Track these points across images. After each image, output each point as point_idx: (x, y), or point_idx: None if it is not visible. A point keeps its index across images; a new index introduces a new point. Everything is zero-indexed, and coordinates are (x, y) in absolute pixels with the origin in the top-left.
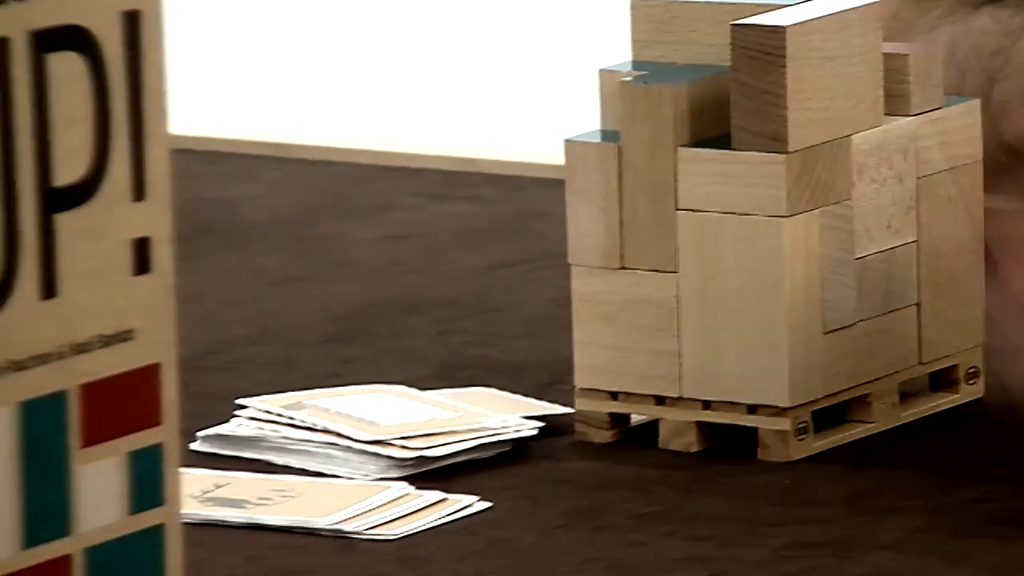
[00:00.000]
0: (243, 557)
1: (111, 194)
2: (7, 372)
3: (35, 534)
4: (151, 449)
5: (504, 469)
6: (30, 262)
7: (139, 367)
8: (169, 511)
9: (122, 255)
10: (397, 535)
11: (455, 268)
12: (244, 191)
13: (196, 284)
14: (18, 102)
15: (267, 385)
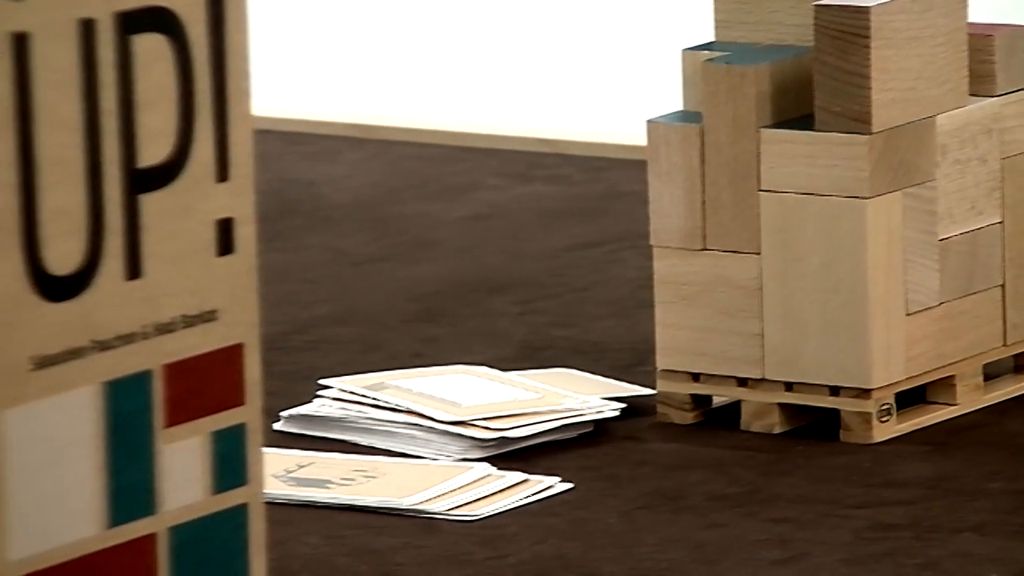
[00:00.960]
0: (325, 537)
1: (195, 175)
2: (92, 352)
3: (120, 513)
4: (234, 429)
5: (585, 450)
6: (115, 243)
7: (222, 347)
8: (252, 491)
9: (206, 236)
10: (478, 516)
11: (537, 249)
12: (327, 172)
13: (280, 264)
14: (104, 83)
15: (350, 365)
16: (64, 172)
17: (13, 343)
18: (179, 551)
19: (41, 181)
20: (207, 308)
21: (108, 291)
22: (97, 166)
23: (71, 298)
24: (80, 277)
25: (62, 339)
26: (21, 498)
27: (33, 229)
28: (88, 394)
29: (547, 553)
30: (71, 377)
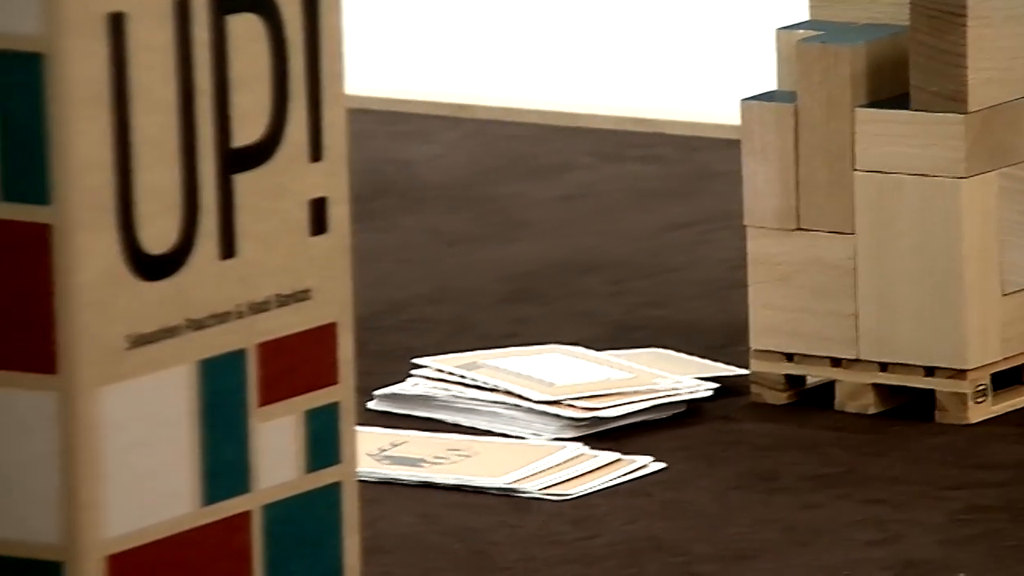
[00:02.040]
0: (418, 515)
1: (289, 155)
2: (187, 331)
3: (215, 491)
4: (327, 408)
5: (678, 430)
6: (210, 222)
7: (316, 326)
8: (345, 469)
9: (299, 215)
10: (571, 495)
11: (630, 228)
12: (422, 151)
13: (374, 244)
14: (199, 63)
15: (443, 344)
16: (160, 152)
17: (109, 321)
18: (273, 529)
19: (137, 161)
20: (301, 287)
21: (203, 270)
22: (192, 146)
23: (166, 277)
24: (175, 256)
25: (157, 318)
26: (118, 476)
27: (129, 208)
28: (183, 373)
29: (639, 533)
30: (166, 356)
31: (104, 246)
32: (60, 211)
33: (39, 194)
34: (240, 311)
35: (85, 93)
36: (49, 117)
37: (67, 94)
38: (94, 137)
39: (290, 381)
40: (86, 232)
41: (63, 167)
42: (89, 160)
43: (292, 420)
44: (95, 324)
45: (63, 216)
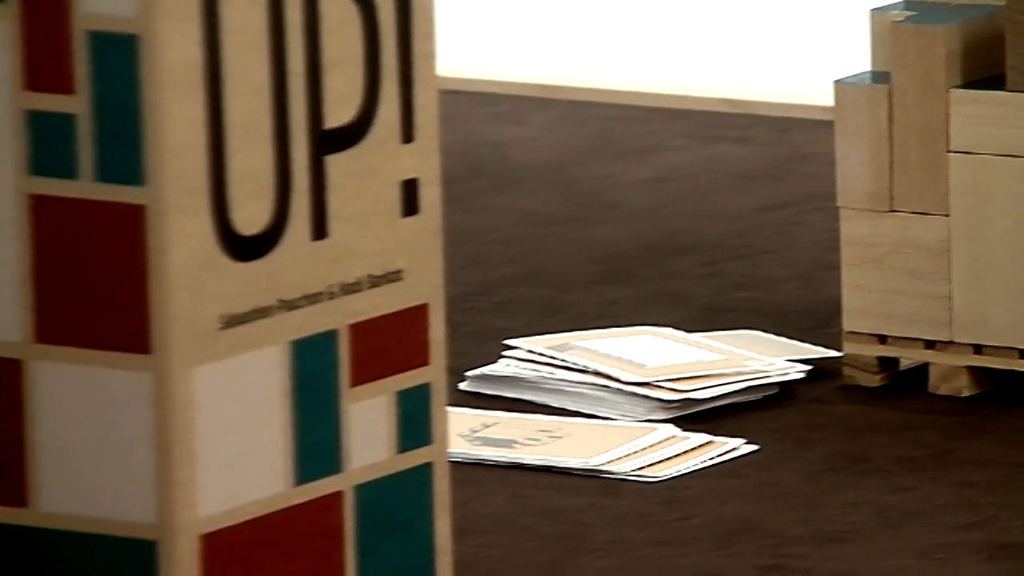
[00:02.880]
0: (510, 496)
1: (380, 136)
2: (279, 311)
3: (307, 471)
4: (419, 388)
5: (770, 412)
6: (302, 203)
7: (407, 307)
8: (436, 450)
9: (391, 196)
10: (662, 476)
11: (722, 210)
12: (514, 133)
13: (466, 225)
14: (292, 45)
15: (534, 326)
16: (252, 134)
17: (203, 302)
18: (364, 509)
19: (230, 143)
20: (392, 268)
21: (295, 251)
22: (285, 128)
23: (259, 258)
24: (268, 237)
25: (250, 298)
26: (211, 456)
27: (222, 190)
28: (275, 353)
29: (731, 515)
30: (259, 336)
31: (197, 227)
32: (154, 192)
33: (133, 176)
34: (332, 292)
35: (179, 75)
36: (143, 99)
37: (161, 76)
38: (188, 119)
39: (381, 362)
40: (180, 213)
41: (157, 149)
42: (183, 142)
43: (383, 401)
44: (189, 305)
45: (157, 197)
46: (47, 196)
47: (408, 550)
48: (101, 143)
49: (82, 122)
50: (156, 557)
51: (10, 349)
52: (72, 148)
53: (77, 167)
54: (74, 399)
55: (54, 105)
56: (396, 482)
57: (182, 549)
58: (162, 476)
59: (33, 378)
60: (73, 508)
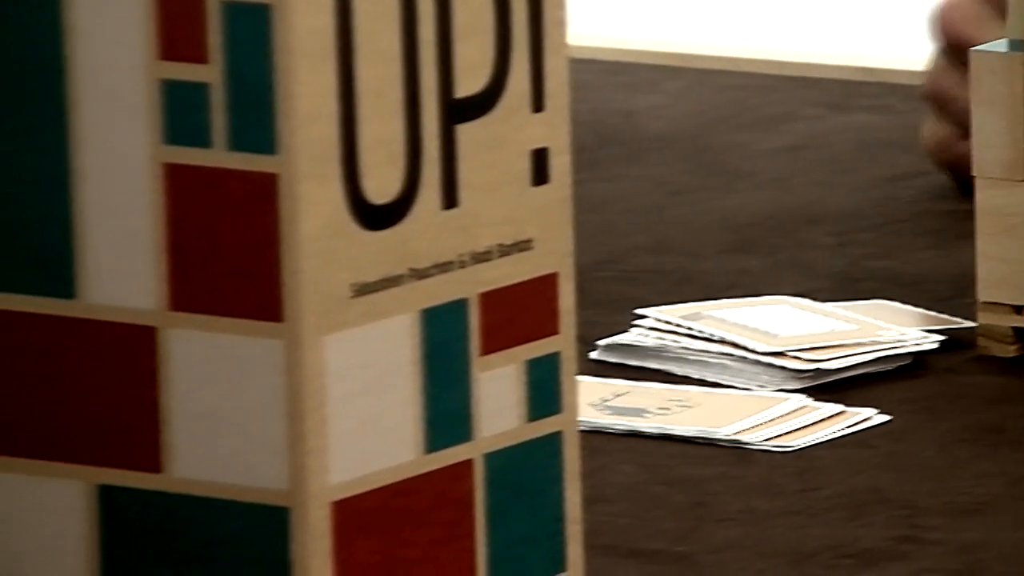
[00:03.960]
0: (640, 466)
1: (511, 105)
2: (409, 280)
3: (437, 439)
4: (548, 357)
5: (903, 383)
6: (432, 173)
7: (537, 276)
8: (566, 419)
9: (521, 166)
10: (794, 447)
11: (856, 179)
12: (646, 101)
13: (597, 194)
14: (423, 14)
15: (666, 295)
16: (383, 102)
17: (334, 271)
18: (494, 477)
19: (361, 111)
20: (522, 238)
21: (425, 220)
22: (415, 97)
23: (389, 227)
24: (398, 206)
25: (380, 267)
26: (342, 423)
27: (353, 159)
28: (406, 322)
29: (863, 485)
30: (389, 305)
31: (329, 196)
32: (286, 161)
33: (266, 144)
34: (462, 261)
35: (311, 44)
36: (276, 68)
37: (293, 45)
38: (319, 88)
39: (511, 331)
40: (311, 182)
41: (289, 118)
42: (314, 111)
43: (513, 370)
44: (320, 273)
45: (289, 166)
46: (181, 165)
47: (537, 518)
48: (234, 112)
49: (215, 91)
50: (288, 523)
51: (145, 317)
52: (205, 117)
53: (210, 136)
54: (207, 366)
55: (188, 74)
56: (526, 451)
57: (314, 516)
58: (294, 443)
59: (167, 345)
60: (206, 474)
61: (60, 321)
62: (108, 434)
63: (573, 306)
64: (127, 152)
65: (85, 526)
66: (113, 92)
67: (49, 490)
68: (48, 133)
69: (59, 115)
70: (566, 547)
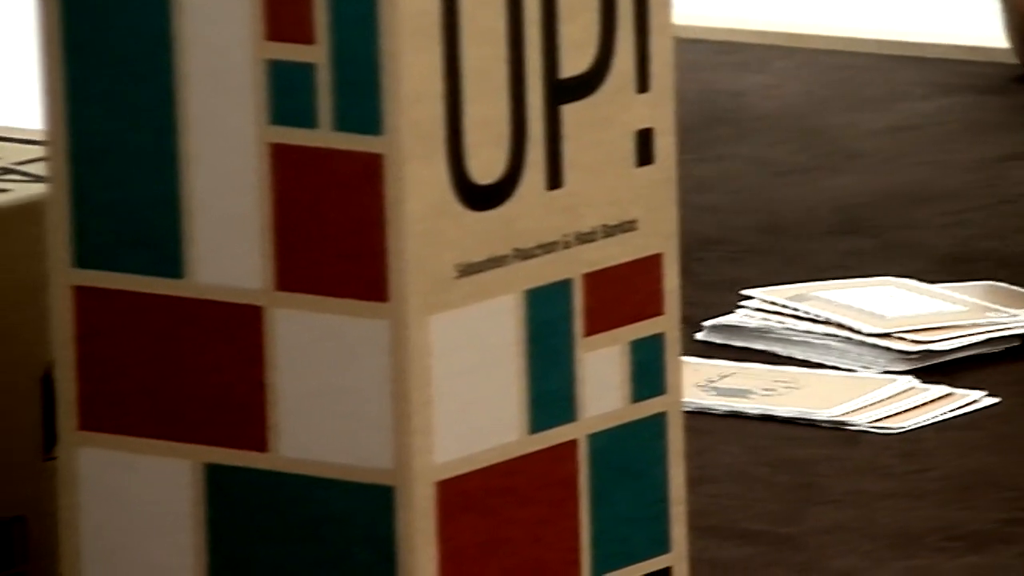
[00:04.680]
0: (745, 447)
1: (615, 86)
2: (514, 260)
3: (541, 419)
4: (653, 338)
5: (1012, 364)
6: (537, 153)
7: (641, 257)
8: (670, 400)
9: (625, 146)
10: (901, 428)
11: (965, 159)
12: (755, 81)
13: (704, 174)
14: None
15: (772, 276)
16: (488, 83)
17: (439, 251)
18: (598, 458)
19: (466, 92)
20: (627, 218)
21: (530, 201)
22: (520, 77)
23: (494, 207)
24: (503, 186)
25: (485, 247)
26: (447, 403)
27: (458, 139)
28: (510, 302)
29: (970, 467)
30: (493, 285)
31: (434, 176)
32: (392, 141)
33: (371, 125)
34: (567, 241)
35: (417, 24)
36: (381, 48)
37: (399, 25)
38: (425, 68)
39: (615, 311)
40: (417, 162)
41: (395, 98)
42: (420, 91)
43: (617, 350)
44: (425, 253)
45: (394, 146)
46: (287, 145)
47: (641, 499)
48: (340, 92)
49: (321, 71)
50: (392, 502)
51: (251, 296)
52: (311, 97)
53: (316, 116)
54: (313, 346)
55: (294, 55)
56: (630, 431)
57: (419, 495)
58: (399, 423)
59: (273, 325)
60: (311, 453)
61: (169, 301)
62: (215, 413)
63: (678, 287)
64: (234, 132)
65: (193, 504)
66: (221, 72)
67: (158, 468)
68: (157, 114)
69: (168, 96)
70: (670, 528)
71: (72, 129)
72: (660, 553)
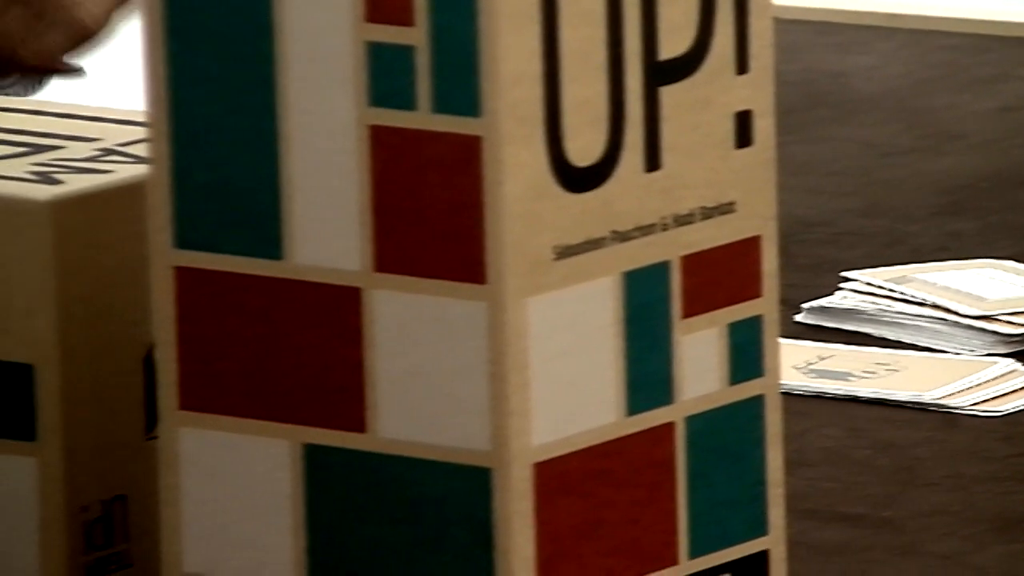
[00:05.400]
0: (845, 429)
1: (714, 67)
2: (612, 242)
3: (639, 402)
4: (750, 320)
5: None
6: (635, 135)
7: (739, 239)
8: (768, 382)
9: (724, 128)
10: (1002, 411)
11: None
12: (857, 62)
13: (805, 156)
14: None
15: (873, 258)
16: (587, 65)
17: (537, 233)
18: (695, 440)
19: (565, 73)
20: (725, 200)
21: (628, 182)
22: (619, 59)
23: (592, 189)
24: (601, 168)
25: (583, 230)
26: (544, 385)
27: (557, 121)
28: (608, 284)
29: None
30: (591, 267)
31: (532, 158)
32: (490, 123)
33: (470, 106)
34: (665, 223)
35: (515, 6)
36: (480, 30)
37: (498, 7)
38: (524, 50)
39: (713, 294)
40: (515, 144)
41: (494, 80)
42: (519, 73)
43: (715, 333)
44: (523, 235)
45: (493, 128)
46: (386, 127)
47: (739, 481)
48: (438, 74)
49: (420, 53)
50: (490, 484)
51: (350, 277)
52: (410, 79)
53: (415, 98)
54: (410, 327)
55: (393, 37)
56: (727, 414)
57: (516, 477)
58: (496, 404)
59: (371, 306)
60: (409, 434)
61: (268, 282)
62: (314, 394)
63: (776, 269)
64: (334, 114)
65: (291, 484)
66: (321, 55)
67: (257, 448)
68: (257, 95)
69: (268, 78)
70: (767, 510)
71: (174, 111)
72: (757, 536)
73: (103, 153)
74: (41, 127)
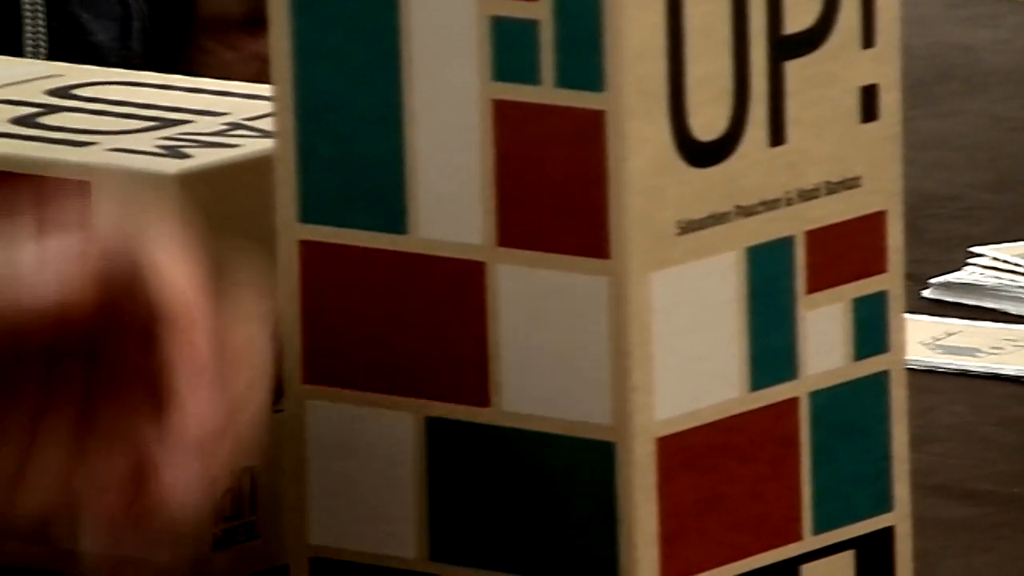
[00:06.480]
0: (972, 406)
1: (840, 41)
2: (736, 217)
3: (762, 377)
4: (875, 296)
5: None
6: (759, 110)
7: (864, 215)
8: (893, 358)
9: (849, 102)
10: None
11: None
12: (987, 36)
13: (934, 130)
14: None
15: (1002, 233)
16: (711, 40)
17: (661, 208)
18: (819, 416)
19: (689, 49)
20: (849, 175)
21: (752, 157)
22: (743, 34)
23: (716, 164)
24: (725, 143)
25: (706, 204)
26: (667, 360)
27: (681, 96)
28: (731, 259)
29: None
30: (715, 242)
31: (656, 133)
32: (614, 98)
33: (594, 81)
34: (789, 198)
35: None
36: (604, 5)
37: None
38: (648, 24)
39: (837, 269)
40: (639, 119)
41: (617, 54)
42: (643, 47)
43: (839, 308)
44: (647, 210)
45: (617, 103)
46: (509, 101)
47: (864, 457)
48: (562, 49)
49: (544, 28)
50: (613, 459)
51: (474, 252)
52: (534, 54)
53: (539, 73)
54: (534, 302)
55: (517, 11)
56: (852, 389)
57: (639, 451)
58: (619, 379)
59: (495, 280)
60: (532, 408)
61: (392, 256)
62: (437, 368)
63: (902, 244)
64: (458, 89)
65: (415, 458)
66: (444, 29)
67: (381, 421)
68: (381, 70)
69: (392, 52)
70: (892, 486)
71: (299, 86)
72: (883, 511)
73: (230, 127)
74: (169, 101)
